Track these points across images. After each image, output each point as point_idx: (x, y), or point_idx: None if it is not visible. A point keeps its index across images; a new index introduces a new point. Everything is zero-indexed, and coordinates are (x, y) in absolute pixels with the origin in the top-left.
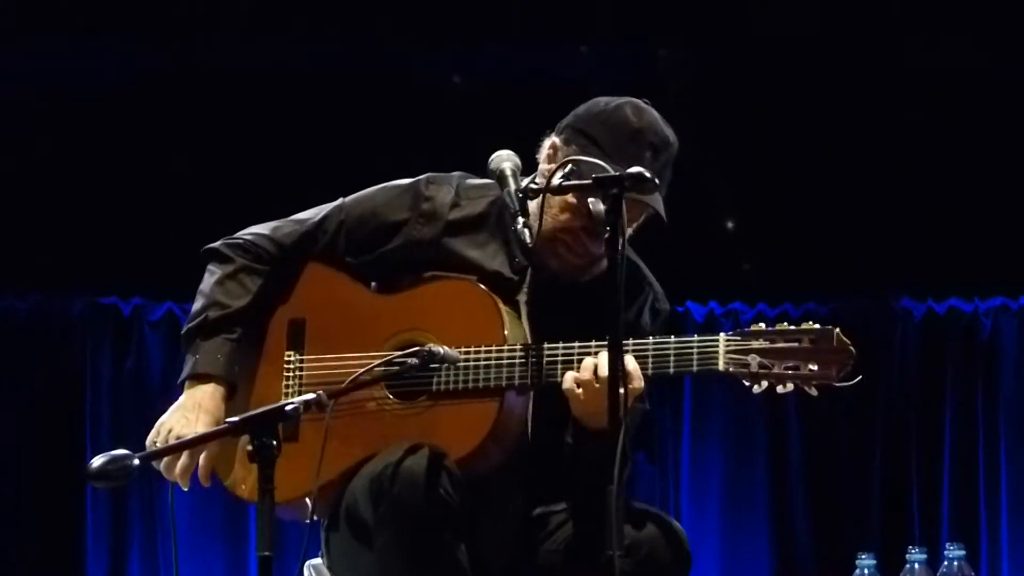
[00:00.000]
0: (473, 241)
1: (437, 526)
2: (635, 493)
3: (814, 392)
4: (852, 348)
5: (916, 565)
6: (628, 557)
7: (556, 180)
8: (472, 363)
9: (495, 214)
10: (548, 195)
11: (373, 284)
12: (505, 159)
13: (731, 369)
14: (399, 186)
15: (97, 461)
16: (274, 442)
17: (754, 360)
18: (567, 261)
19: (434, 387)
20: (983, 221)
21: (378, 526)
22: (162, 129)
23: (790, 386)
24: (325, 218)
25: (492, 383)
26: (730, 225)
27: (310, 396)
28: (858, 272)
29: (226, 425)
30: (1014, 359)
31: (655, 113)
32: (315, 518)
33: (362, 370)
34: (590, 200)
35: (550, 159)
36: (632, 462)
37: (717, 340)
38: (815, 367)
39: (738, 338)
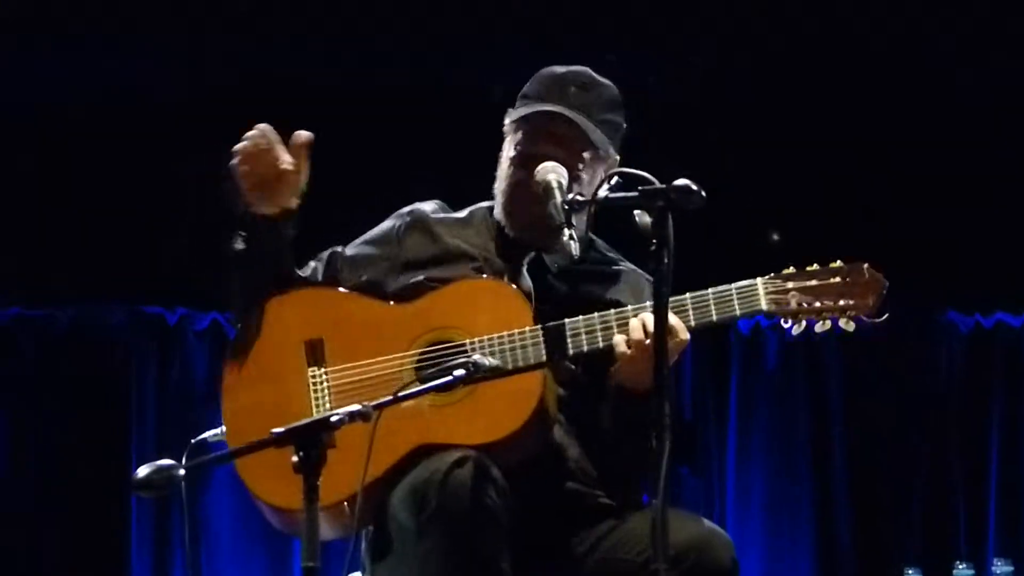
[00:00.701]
0: (462, 234)
1: (482, 536)
2: (680, 504)
3: (851, 327)
4: (883, 279)
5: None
6: (674, 567)
7: (602, 192)
8: (508, 346)
9: (479, 216)
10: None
11: (391, 302)
12: (550, 171)
13: (773, 308)
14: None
15: (142, 471)
16: (318, 452)
17: (793, 298)
18: (532, 216)
19: None
20: None
21: (422, 536)
22: (209, 138)
23: (828, 323)
24: (328, 262)
25: (532, 361)
26: (776, 237)
27: (355, 408)
28: (904, 285)
29: (270, 437)
30: None
31: (589, 72)
32: (356, 527)
33: (408, 382)
34: (635, 212)
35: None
36: (675, 473)
37: (755, 283)
38: (851, 300)
39: (775, 280)
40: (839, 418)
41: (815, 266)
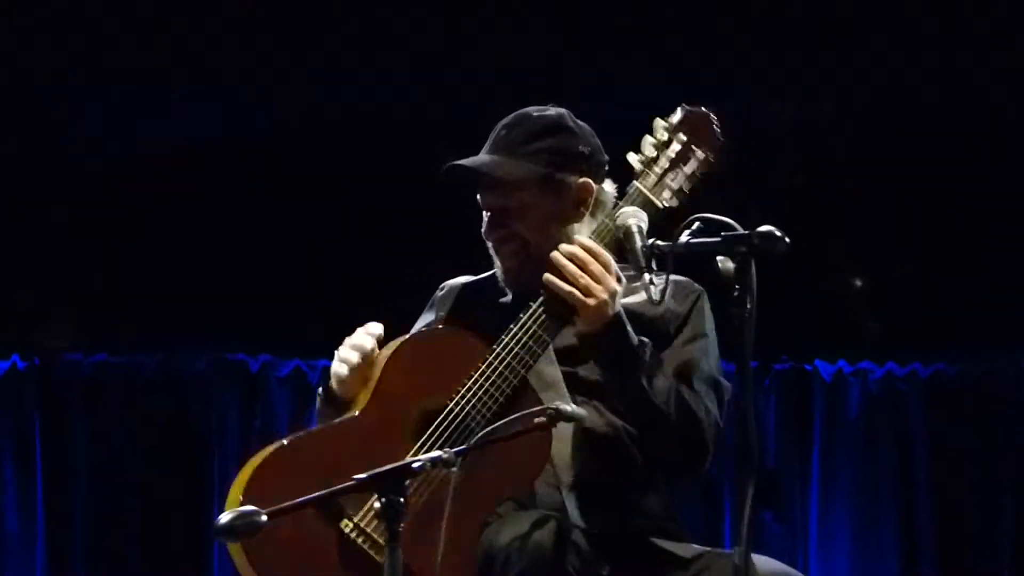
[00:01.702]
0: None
1: None
2: (764, 550)
3: (713, 158)
4: (702, 111)
5: None
6: None
7: (684, 238)
8: (494, 377)
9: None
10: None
11: (349, 413)
12: (631, 216)
13: (665, 201)
14: None
15: (225, 517)
16: (401, 499)
17: (670, 180)
18: (508, 266)
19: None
20: None
21: None
22: (293, 184)
23: (697, 173)
24: None
25: (519, 377)
26: (858, 283)
27: (436, 454)
28: (987, 331)
29: (353, 481)
30: None
31: (537, 108)
32: None
33: (489, 428)
34: (718, 258)
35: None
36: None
37: (635, 186)
38: (703, 147)
39: (645, 176)
40: (923, 464)
41: (656, 139)
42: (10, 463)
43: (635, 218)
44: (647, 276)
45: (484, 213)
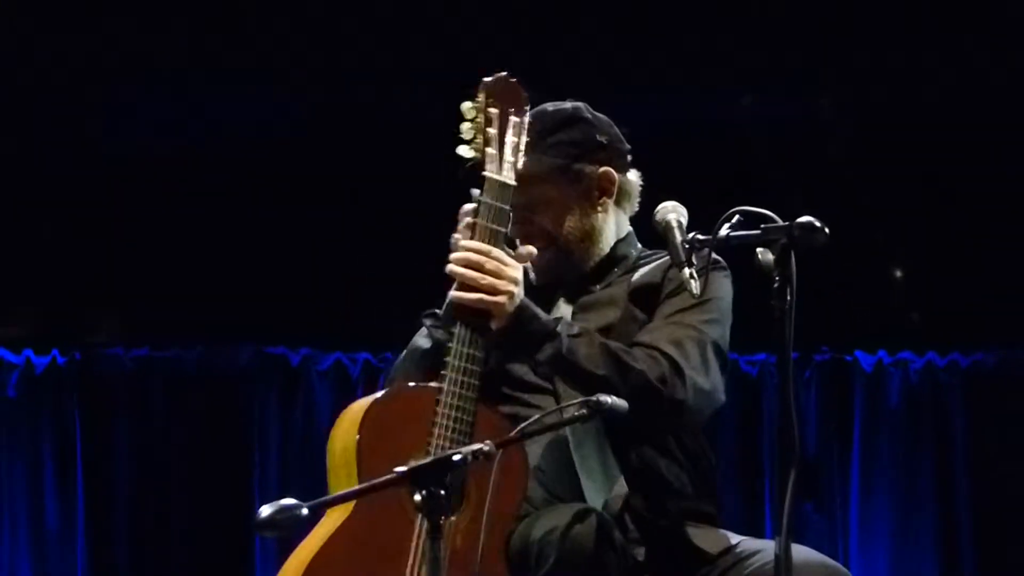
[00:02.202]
0: None
1: None
2: (804, 541)
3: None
4: (501, 74)
5: None
6: None
7: (724, 231)
8: (454, 414)
9: None
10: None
11: (347, 518)
12: (671, 210)
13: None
14: None
15: (265, 511)
16: (442, 492)
17: (508, 156)
18: (542, 260)
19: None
20: None
21: None
22: (333, 178)
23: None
24: None
25: (473, 403)
26: (899, 274)
27: (477, 446)
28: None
29: (394, 475)
30: None
31: (554, 104)
32: None
33: (532, 419)
34: (758, 250)
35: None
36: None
37: (484, 177)
38: (514, 109)
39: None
40: (963, 456)
41: (474, 123)
42: (50, 459)
43: (675, 213)
44: (686, 271)
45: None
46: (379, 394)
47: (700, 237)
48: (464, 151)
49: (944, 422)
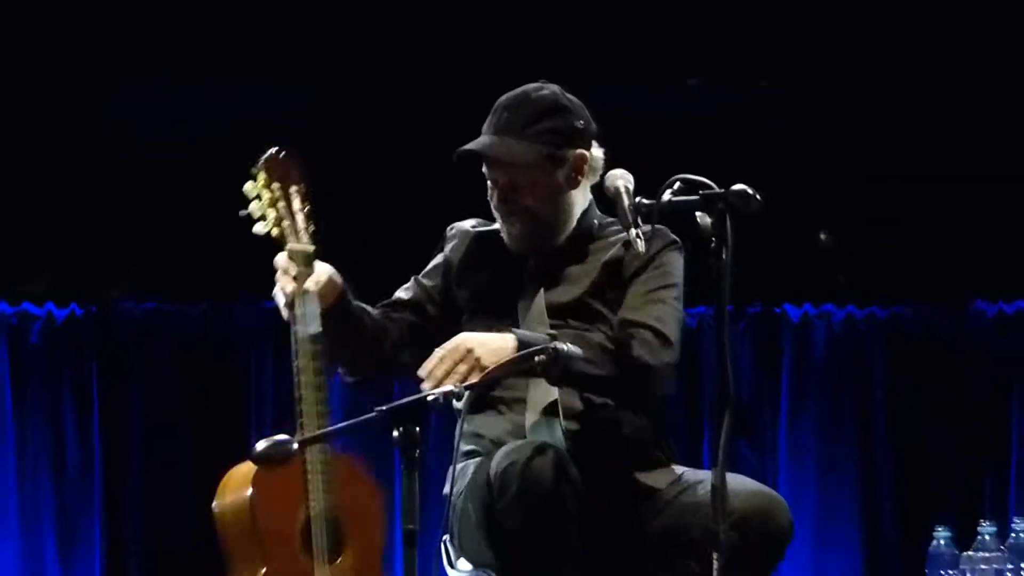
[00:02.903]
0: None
1: (555, 516)
2: (737, 472)
3: (305, 186)
4: (271, 151)
5: (987, 537)
6: (739, 530)
7: (666, 196)
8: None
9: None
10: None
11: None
12: (619, 177)
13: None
14: None
15: (261, 445)
16: (416, 428)
17: (300, 224)
18: (518, 235)
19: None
20: None
21: (504, 513)
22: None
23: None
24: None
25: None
26: (823, 236)
27: (448, 388)
28: (938, 277)
29: (373, 414)
30: None
31: (534, 85)
32: None
33: (496, 365)
34: (697, 213)
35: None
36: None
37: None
38: (292, 181)
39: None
40: (880, 393)
41: (261, 201)
42: (70, 403)
43: (623, 180)
44: (633, 231)
45: (490, 184)
46: (255, 465)
47: (645, 201)
48: (260, 228)
49: (863, 367)
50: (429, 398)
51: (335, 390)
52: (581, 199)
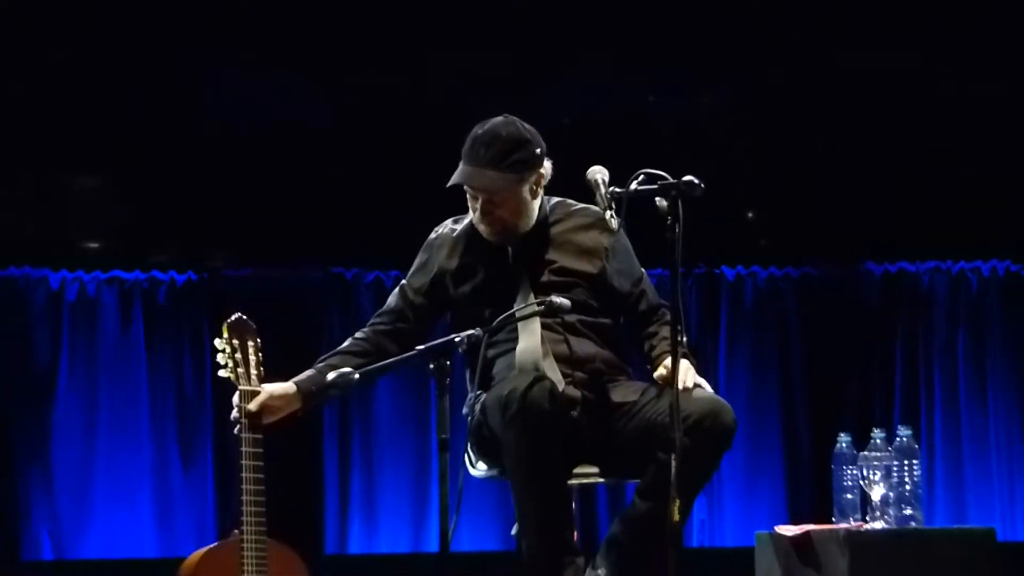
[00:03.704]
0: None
1: (548, 429)
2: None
3: (259, 343)
4: (234, 316)
5: (878, 440)
6: (697, 427)
7: (633, 186)
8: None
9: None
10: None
11: None
12: (597, 172)
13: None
14: None
15: (331, 375)
16: (447, 362)
17: (252, 371)
18: (495, 233)
19: None
20: (928, 199)
21: (506, 430)
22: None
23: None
24: (401, 293)
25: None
26: (751, 214)
27: (470, 331)
28: (838, 245)
29: (415, 352)
30: (944, 307)
31: (500, 120)
32: None
33: (514, 309)
34: (656, 199)
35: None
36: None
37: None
38: (249, 339)
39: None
40: (796, 337)
41: (224, 359)
42: (188, 354)
43: (600, 174)
44: (608, 212)
45: (470, 197)
46: (205, 549)
47: (616, 190)
48: (222, 373)
49: (782, 314)
50: (456, 339)
51: None
52: (537, 200)
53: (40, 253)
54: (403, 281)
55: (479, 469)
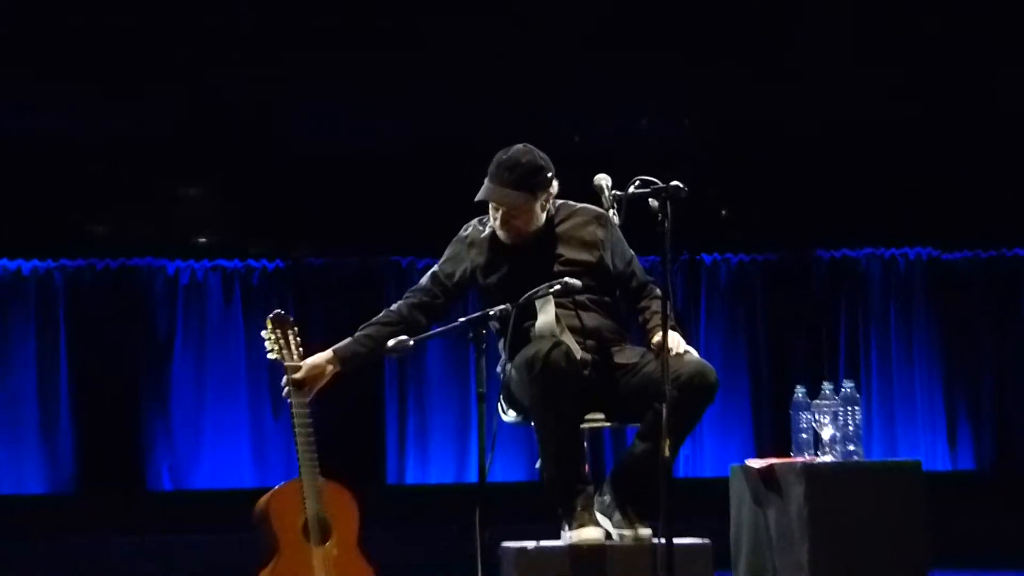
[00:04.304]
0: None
1: (565, 386)
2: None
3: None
4: (278, 312)
5: (827, 391)
6: (687, 384)
7: (631, 190)
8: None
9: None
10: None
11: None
12: (602, 178)
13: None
14: None
15: (391, 342)
16: (483, 330)
17: (293, 348)
18: (510, 238)
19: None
20: (865, 198)
21: (527, 387)
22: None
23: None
24: (432, 278)
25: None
26: (724, 212)
27: (501, 307)
28: (794, 236)
29: (458, 323)
30: (878, 285)
31: (520, 148)
32: None
33: (528, 294)
34: (650, 200)
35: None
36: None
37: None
38: (289, 330)
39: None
40: (761, 311)
41: (272, 345)
42: None
43: (605, 180)
44: (611, 211)
45: (492, 208)
46: (278, 486)
47: (617, 192)
48: (272, 356)
49: (750, 293)
50: (491, 313)
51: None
52: (546, 211)
53: (159, 247)
54: (435, 267)
55: (509, 416)
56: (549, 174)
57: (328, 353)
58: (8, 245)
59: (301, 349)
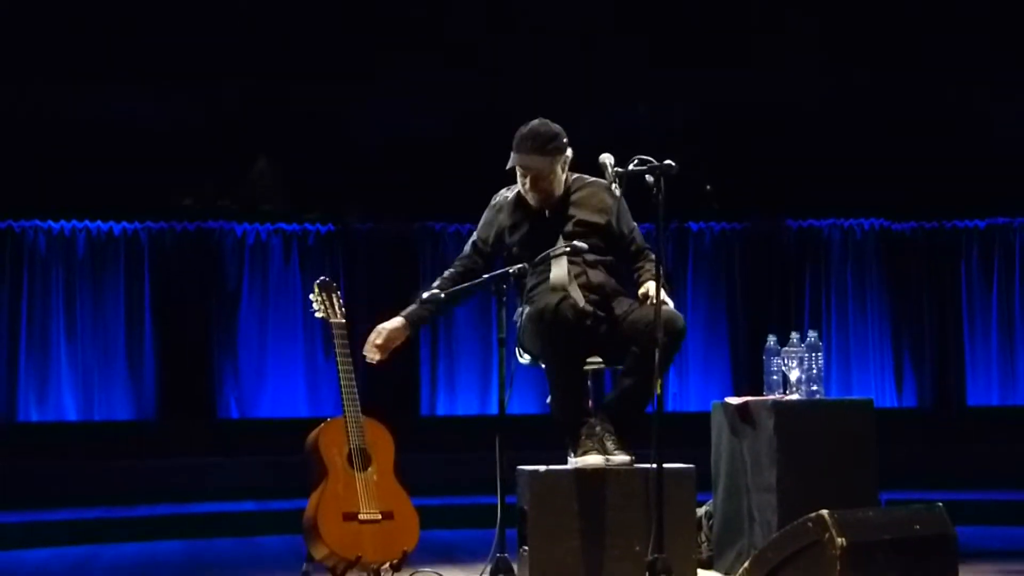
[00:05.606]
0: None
1: (570, 333)
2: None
3: (339, 297)
4: (324, 279)
5: (794, 340)
6: (650, 335)
7: (630, 167)
8: (351, 414)
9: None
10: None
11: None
12: (606, 157)
13: (343, 316)
14: None
15: (425, 294)
16: (504, 285)
17: (336, 307)
18: (539, 199)
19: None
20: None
21: (539, 334)
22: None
23: (340, 303)
24: (474, 246)
25: (355, 405)
26: (708, 187)
27: (519, 265)
28: (767, 206)
29: (482, 279)
30: (838, 250)
31: (537, 122)
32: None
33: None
34: (647, 176)
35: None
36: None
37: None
38: (334, 297)
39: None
40: (740, 275)
41: (318, 307)
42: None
43: (609, 158)
44: (614, 185)
45: (520, 170)
46: (326, 421)
47: (619, 169)
48: (319, 315)
49: (728, 258)
50: (510, 271)
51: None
52: (564, 175)
53: (229, 213)
54: (474, 235)
55: (524, 359)
56: (564, 139)
57: (400, 320)
58: (102, 209)
59: (344, 309)
